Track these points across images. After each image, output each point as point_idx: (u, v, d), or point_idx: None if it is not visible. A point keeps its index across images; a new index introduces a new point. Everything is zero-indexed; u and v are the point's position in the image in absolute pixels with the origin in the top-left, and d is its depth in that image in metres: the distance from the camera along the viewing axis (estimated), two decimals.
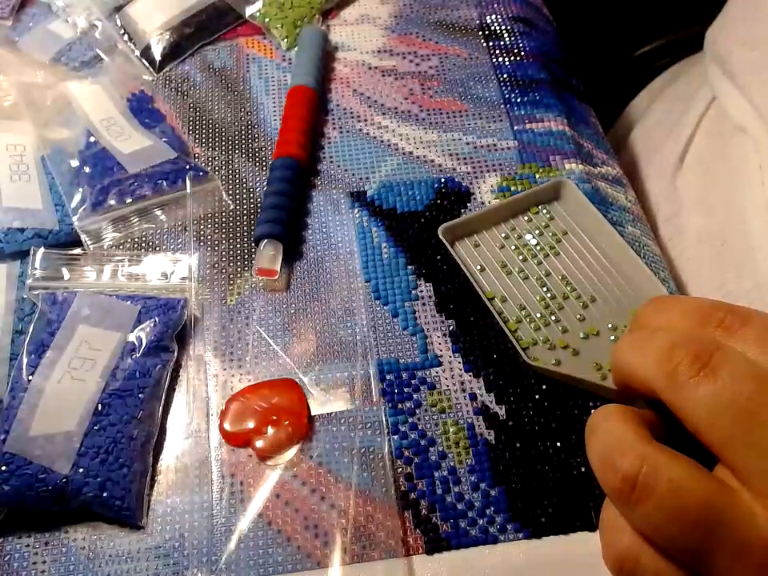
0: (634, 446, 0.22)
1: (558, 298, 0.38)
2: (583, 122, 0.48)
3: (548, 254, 0.39)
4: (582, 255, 0.39)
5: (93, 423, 0.32)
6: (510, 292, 0.38)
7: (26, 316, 0.37)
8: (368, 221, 0.42)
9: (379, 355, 0.37)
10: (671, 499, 0.21)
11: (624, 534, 0.23)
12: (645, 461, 0.22)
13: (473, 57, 0.49)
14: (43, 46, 0.49)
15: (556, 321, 0.37)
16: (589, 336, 0.36)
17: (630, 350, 0.25)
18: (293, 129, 0.43)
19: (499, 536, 0.32)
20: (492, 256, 0.40)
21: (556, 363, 0.35)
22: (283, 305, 0.39)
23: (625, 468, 0.22)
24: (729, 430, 0.21)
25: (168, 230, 0.41)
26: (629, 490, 0.22)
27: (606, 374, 0.35)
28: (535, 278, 0.38)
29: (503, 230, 0.40)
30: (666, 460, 0.22)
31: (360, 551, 0.31)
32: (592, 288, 0.38)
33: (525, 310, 0.37)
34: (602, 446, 0.24)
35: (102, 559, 0.31)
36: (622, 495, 0.22)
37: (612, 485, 0.22)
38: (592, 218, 0.40)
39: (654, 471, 0.22)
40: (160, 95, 0.47)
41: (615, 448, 0.23)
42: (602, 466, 0.23)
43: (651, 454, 0.22)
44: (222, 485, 0.33)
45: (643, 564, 0.23)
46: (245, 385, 0.36)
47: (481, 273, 0.39)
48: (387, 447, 0.34)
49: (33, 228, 0.39)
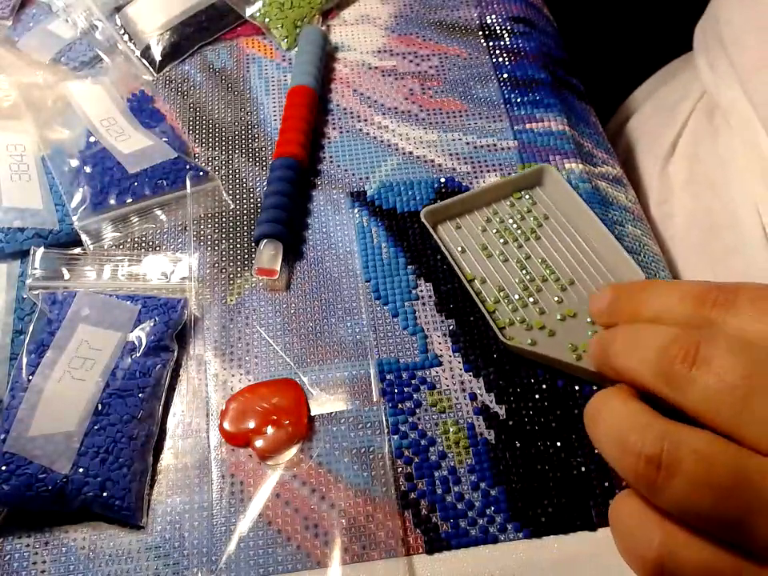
0: (649, 424, 0.21)
1: (537, 281, 0.38)
2: (583, 122, 0.48)
3: (528, 238, 0.40)
4: (563, 239, 0.40)
5: (93, 423, 0.32)
6: (489, 274, 0.39)
7: (25, 316, 0.37)
8: (368, 221, 0.42)
9: (379, 355, 0.37)
10: (701, 472, 0.20)
11: (653, 531, 0.21)
12: (665, 437, 0.21)
13: (473, 57, 0.49)
14: (43, 45, 0.49)
15: (534, 302, 0.37)
16: (566, 317, 0.37)
17: (624, 353, 0.25)
18: (293, 129, 0.43)
19: (499, 536, 0.32)
20: (473, 239, 0.40)
21: (532, 343, 0.36)
22: (283, 305, 0.39)
23: (647, 449, 0.21)
24: (734, 410, 0.20)
25: (168, 229, 0.41)
26: (654, 471, 0.20)
27: (581, 355, 0.35)
28: (515, 260, 0.39)
29: (485, 214, 0.41)
30: (686, 433, 0.21)
31: (360, 551, 0.31)
32: (571, 271, 0.39)
33: (503, 291, 0.38)
34: (614, 430, 0.22)
35: (102, 559, 0.31)
36: (648, 479, 0.21)
37: (635, 469, 0.21)
38: (573, 203, 0.40)
39: (677, 446, 0.20)
40: (160, 95, 0.47)
41: (630, 429, 0.21)
42: (619, 451, 0.22)
43: (670, 429, 0.21)
44: (222, 485, 0.33)
45: (684, 557, 0.21)
46: (245, 385, 0.36)
47: (462, 255, 0.40)
48: (387, 447, 0.34)
49: (33, 228, 0.39)
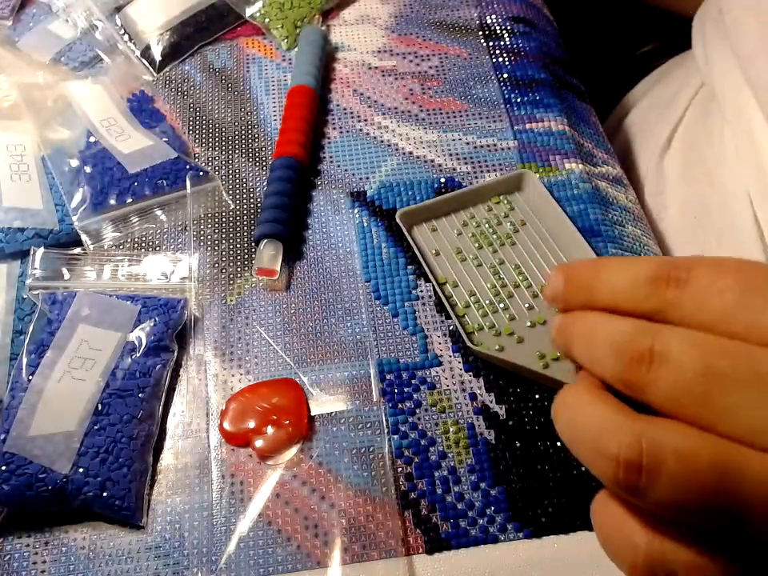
0: (623, 426, 0.20)
1: (509, 287, 0.38)
2: (583, 122, 0.48)
3: (504, 243, 0.40)
4: (538, 246, 0.40)
5: (93, 423, 0.32)
6: (461, 278, 0.39)
7: (25, 316, 0.37)
8: (368, 221, 0.42)
9: (379, 355, 0.37)
10: (684, 471, 0.19)
11: (638, 535, 0.21)
12: (641, 438, 0.19)
13: (473, 57, 0.49)
14: (43, 45, 0.49)
15: (504, 308, 0.37)
16: (536, 325, 0.37)
17: (581, 348, 0.24)
18: (293, 129, 0.43)
19: (499, 536, 0.32)
20: (448, 242, 0.40)
21: (499, 349, 0.36)
22: (283, 304, 0.39)
23: (624, 453, 0.19)
24: (699, 404, 0.20)
25: (168, 229, 0.41)
26: (635, 476, 0.19)
27: (549, 363, 0.35)
28: (488, 265, 0.39)
29: (462, 218, 0.41)
30: (662, 430, 0.20)
31: (360, 551, 0.31)
32: (544, 278, 0.38)
33: (474, 296, 0.38)
34: (587, 434, 0.21)
35: (102, 559, 0.31)
36: (629, 483, 0.20)
37: (614, 475, 0.20)
38: (552, 210, 0.40)
39: (656, 447, 0.19)
40: (160, 95, 0.47)
41: (603, 432, 0.20)
42: (594, 457, 0.21)
43: (644, 428, 0.20)
44: (222, 485, 0.33)
45: (672, 560, 0.20)
46: (245, 385, 0.36)
47: (435, 257, 0.39)
48: (387, 447, 0.34)
49: (33, 228, 0.39)
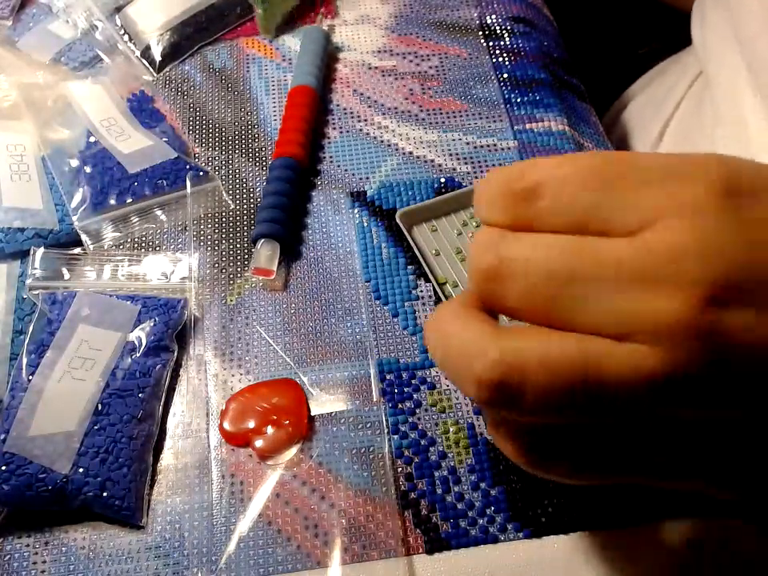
0: (487, 343, 0.21)
1: None
2: (583, 122, 0.48)
3: None
4: None
5: (93, 423, 0.32)
6: (461, 278, 0.39)
7: (25, 316, 0.37)
8: (368, 221, 0.42)
9: (379, 355, 0.37)
10: (547, 378, 0.20)
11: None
12: (503, 354, 0.20)
13: (473, 57, 0.49)
14: (43, 45, 0.49)
15: None
16: None
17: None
18: (293, 129, 0.43)
19: (499, 536, 0.32)
20: (448, 242, 0.40)
21: None
22: (283, 304, 0.39)
23: (486, 374, 0.20)
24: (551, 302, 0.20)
25: (168, 229, 0.41)
26: (500, 395, 0.20)
27: None
28: None
29: (462, 218, 0.41)
30: (524, 340, 0.20)
31: (360, 551, 0.31)
32: None
33: None
34: (452, 353, 0.22)
35: (102, 559, 0.31)
36: (495, 402, 0.20)
37: (478, 396, 0.21)
38: None
39: (518, 360, 0.20)
40: (160, 95, 0.47)
41: (466, 352, 0.21)
42: (459, 379, 0.21)
43: (506, 343, 0.20)
44: (222, 485, 0.33)
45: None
46: (245, 385, 0.36)
47: (435, 258, 0.40)
48: (387, 447, 0.34)
49: (33, 228, 0.39)
